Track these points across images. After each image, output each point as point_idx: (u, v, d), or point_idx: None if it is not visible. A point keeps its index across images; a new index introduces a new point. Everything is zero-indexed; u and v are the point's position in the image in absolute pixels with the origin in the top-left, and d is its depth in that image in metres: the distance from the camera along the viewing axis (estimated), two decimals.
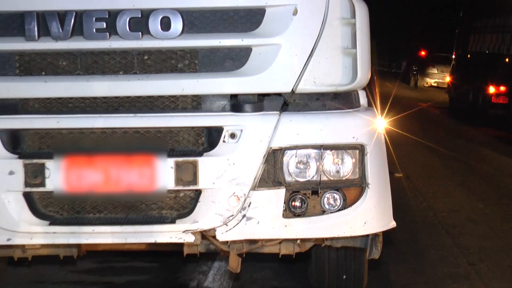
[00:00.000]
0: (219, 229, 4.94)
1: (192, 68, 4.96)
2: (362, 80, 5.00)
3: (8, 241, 5.00)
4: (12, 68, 5.00)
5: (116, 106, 5.04)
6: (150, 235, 5.00)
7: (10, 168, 4.92)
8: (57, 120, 5.00)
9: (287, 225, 4.96)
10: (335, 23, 4.93)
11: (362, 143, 4.98)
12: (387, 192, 5.17)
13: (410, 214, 8.90)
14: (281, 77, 4.93)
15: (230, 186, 4.89)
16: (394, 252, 6.90)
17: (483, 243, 8.06)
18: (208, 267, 6.76)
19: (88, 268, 6.82)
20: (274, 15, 4.88)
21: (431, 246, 7.95)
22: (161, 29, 4.83)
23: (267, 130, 4.91)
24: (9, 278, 6.56)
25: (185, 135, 5.01)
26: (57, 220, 5.01)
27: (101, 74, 4.96)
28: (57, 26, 4.84)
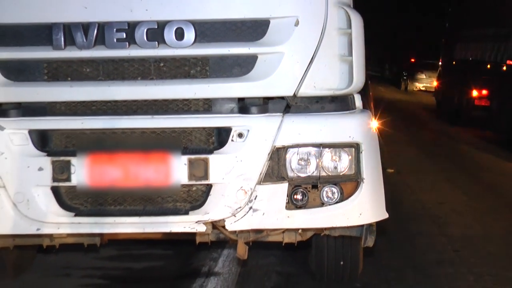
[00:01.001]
0: (228, 220, 4.94)
1: (203, 74, 4.96)
2: (357, 84, 5.00)
3: (37, 231, 5.01)
4: (41, 74, 5.01)
5: (135, 109, 5.04)
6: (166, 225, 5.01)
7: (39, 164, 4.93)
8: (81, 121, 5.01)
9: (289, 216, 4.96)
10: (333, 33, 4.92)
11: (358, 141, 4.98)
12: (380, 186, 5.17)
13: (400, 206, 8.89)
14: (284, 82, 4.93)
15: (238, 181, 4.90)
16: (386, 240, 6.89)
17: (466, 232, 8.05)
18: (218, 254, 6.76)
19: (110, 255, 6.82)
20: (278, 26, 4.88)
21: (419, 234, 7.94)
22: (176, 38, 4.84)
23: (271, 130, 4.91)
24: (38, 264, 6.57)
25: (197, 134, 5.02)
26: (82, 212, 5.02)
27: (121, 79, 4.97)
28: (82, 36, 4.85)
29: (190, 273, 6.37)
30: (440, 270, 6.63)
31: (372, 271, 6.40)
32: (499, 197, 10.28)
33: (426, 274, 6.51)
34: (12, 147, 4.95)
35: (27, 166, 4.94)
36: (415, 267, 6.70)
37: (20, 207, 4.95)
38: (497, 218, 8.85)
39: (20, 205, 4.95)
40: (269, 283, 6.21)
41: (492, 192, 10.62)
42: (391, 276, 6.44)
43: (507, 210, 9.36)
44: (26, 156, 4.95)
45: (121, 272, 6.55)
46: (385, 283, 6.26)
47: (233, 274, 6.34)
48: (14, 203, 4.95)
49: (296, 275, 6.40)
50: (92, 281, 6.26)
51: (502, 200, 10.05)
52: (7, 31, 4.95)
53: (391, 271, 6.57)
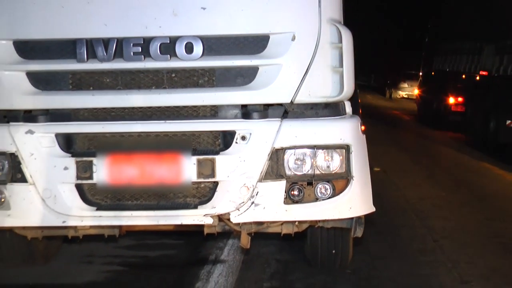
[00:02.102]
0: (233, 213, 4.95)
1: (210, 84, 4.97)
2: (347, 92, 5.00)
3: (63, 223, 5.02)
4: (66, 84, 5.01)
5: (150, 115, 5.04)
6: (177, 218, 5.01)
7: (65, 164, 4.94)
8: (102, 126, 5.02)
9: (287, 210, 4.96)
10: (326, 47, 4.92)
11: (348, 143, 4.98)
12: (368, 183, 5.17)
13: (386, 201, 8.89)
14: (282, 91, 4.93)
15: (241, 179, 4.90)
16: (373, 231, 6.89)
17: (445, 224, 8.04)
18: (223, 243, 6.75)
19: (127, 245, 6.82)
20: (277, 40, 4.89)
21: (403, 226, 7.94)
22: (186, 52, 4.84)
23: (271, 133, 4.91)
24: (64, 253, 6.57)
25: (205, 137, 5.02)
26: (103, 206, 5.03)
27: (138, 88, 4.97)
28: (102, 50, 4.86)
29: (199, 260, 6.37)
30: (422, 258, 6.63)
31: (361, 259, 6.40)
32: (473, 192, 10.28)
33: (410, 262, 6.51)
34: (40, 149, 4.96)
35: (54, 165, 4.95)
36: (399, 255, 6.71)
37: (48, 202, 4.96)
38: (472, 211, 8.85)
39: (48, 200, 4.96)
40: (269, 270, 6.20)
41: (467, 188, 10.62)
42: (378, 264, 6.44)
43: (480, 204, 9.37)
44: (53, 157, 4.96)
45: (137, 260, 6.55)
46: (373, 270, 6.26)
47: (237, 261, 6.34)
48: (42, 198, 4.96)
49: (293, 262, 6.40)
50: (112, 268, 6.26)
51: (475, 195, 10.06)
52: (37, 46, 4.96)
53: (378, 259, 6.57)
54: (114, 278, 6.05)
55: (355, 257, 6.19)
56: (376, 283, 5.92)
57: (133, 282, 6.00)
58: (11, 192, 5.00)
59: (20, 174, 4.99)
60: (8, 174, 4.99)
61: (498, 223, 8.19)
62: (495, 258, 6.64)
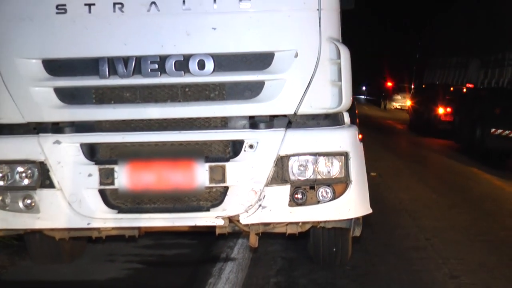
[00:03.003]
0: (242, 215, 4.95)
1: (220, 97, 4.97)
2: (346, 104, 5.00)
3: (88, 225, 5.03)
4: (90, 99, 5.03)
5: (166, 125, 5.05)
6: (191, 220, 5.02)
7: (89, 171, 4.95)
8: (122, 136, 5.03)
9: (291, 212, 4.96)
10: (326, 63, 4.93)
11: (347, 151, 4.98)
12: (365, 186, 5.16)
13: (382, 203, 8.87)
14: (286, 103, 4.94)
15: (249, 183, 4.90)
16: (370, 231, 6.87)
17: (435, 224, 8.02)
18: (234, 243, 6.75)
19: (146, 244, 6.82)
20: (281, 57, 4.89)
21: (397, 226, 7.92)
22: (198, 68, 4.86)
23: (276, 142, 4.92)
24: (88, 252, 6.57)
25: (216, 146, 5.02)
26: (123, 209, 5.03)
27: (154, 102, 4.98)
28: (122, 67, 4.88)
29: (211, 258, 6.36)
30: (415, 255, 6.60)
31: (359, 256, 6.38)
32: (461, 194, 10.25)
33: (404, 258, 6.49)
34: (67, 158, 4.97)
35: (79, 172, 4.96)
36: (394, 253, 6.68)
37: (74, 206, 4.97)
38: (460, 211, 8.82)
39: (74, 204, 4.97)
40: (275, 266, 6.19)
41: (455, 191, 10.60)
42: (375, 260, 6.42)
43: (467, 205, 9.34)
44: (78, 164, 4.97)
45: (155, 258, 6.54)
46: (370, 266, 6.24)
47: (246, 259, 6.32)
48: (69, 202, 4.97)
49: (297, 259, 6.38)
50: (132, 266, 6.26)
51: (463, 196, 10.03)
52: (63, 64, 4.98)
53: (375, 256, 6.55)
54: (134, 275, 6.04)
55: (354, 255, 6.17)
56: (373, 278, 5.90)
57: (151, 278, 5.99)
58: (40, 197, 5.01)
59: (48, 181, 5.00)
60: (38, 181, 5.01)
61: (484, 222, 8.16)
62: (482, 255, 6.61)
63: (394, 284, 5.72)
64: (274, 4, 4.89)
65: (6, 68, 4.99)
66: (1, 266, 6.26)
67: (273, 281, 5.77)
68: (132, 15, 4.86)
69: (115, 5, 4.85)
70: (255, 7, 4.86)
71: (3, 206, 5.08)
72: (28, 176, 5.03)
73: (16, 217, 5.08)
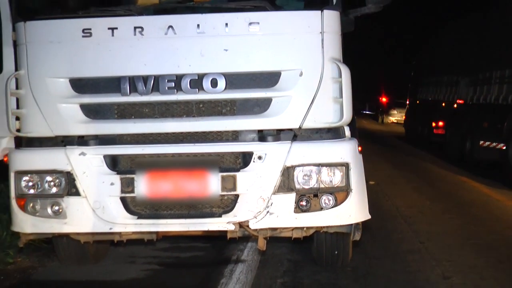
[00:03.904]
0: (251, 221, 4.93)
1: (232, 112, 4.96)
2: (346, 119, 4.98)
3: (110, 230, 5.03)
4: (112, 114, 5.03)
5: (181, 138, 5.04)
6: (205, 225, 5.00)
7: (111, 180, 4.95)
8: (142, 148, 5.03)
9: (297, 218, 4.95)
10: (328, 81, 4.91)
11: (347, 161, 4.96)
12: (364, 194, 5.14)
13: (380, 209, 8.82)
14: (292, 118, 4.92)
15: (258, 192, 4.89)
16: (369, 235, 6.83)
17: (429, 228, 7.97)
18: (243, 246, 6.72)
19: (163, 247, 6.80)
20: (287, 76, 4.89)
21: (394, 230, 7.87)
22: (211, 86, 4.86)
23: (283, 153, 4.90)
24: (111, 254, 6.56)
25: (228, 157, 5.01)
26: (143, 215, 5.03)
27: (171, 117, 4.98)
28: (142, 85, 4.88)
29: (223, 260, 6.33)
30: (410, 257, 6.56)
31: (359, 258, 6.35)
32: (452, 201, 10.18)
33: (400, 260, 6.45)
34: (91, 168, 4.98)
35: (102, 181, 4.96)
36: (391, 255, 6.64)
37: (97, 212, 4.97)
38: (452, 217, 8.76)
39: (98, 211, 4.97)
40: (282, 268, 6.16)
41: (447, 197, 10.53)
42: (374, 262, 6.37)
43: (458, 210, 9.27)
44: (102, 174, 4.97)
45: (172, 260, 6.52)
46: (370, 267, 6.19)
47: (255, 261, 6.29)
48: (93, 209, 4.97)
49: (302, 261, 6.35)
50: (151, 267, 6.24)
51: (454, 203, 9.96)
52: (88, 82, 4.99)
53: (373, 258, 6.51)
54: (152, 275, 6.02)
55: (354, 257, 6.13)
56: (372, 278, 5.86)
57: (168, 278, 5.97)
58: (67, 204, 5.02)
59: (74, 189, 5.01)
60: (65, 189, 5.03)
61: (473, 227, 8.10)
62: (471, 257, 6.57)
63: (391, 284, 5.68)
64: (281, 28, 4.89)
65: (37, 86, 5.01)
66: (32, 266, 6.26)
67: (280, 281, 5.74)
68: (151, 38, 4.87)
69: (136, 29, 4.86)
70: (263, 31, 4.86)
71: (34, 212, 5.09)
72: (56, 184, 5.04)
73: (45, 222, 5.09)
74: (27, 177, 5.08)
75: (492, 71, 13.54)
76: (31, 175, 5.07)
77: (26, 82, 5.03)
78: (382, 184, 11.56)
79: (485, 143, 13.20)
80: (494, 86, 13.29)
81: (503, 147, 12.21)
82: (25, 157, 5.13)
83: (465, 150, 14.77)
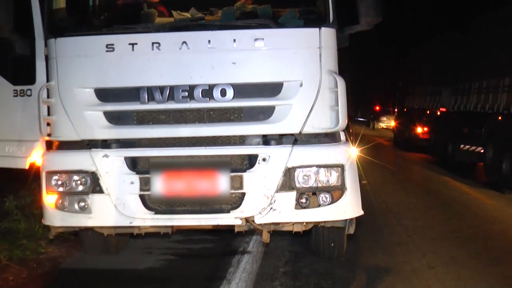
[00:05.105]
0: (256, 216, 4.92)
1: (239, 119, 4.95)
2: (342, 125, 4.96)
3: (130, 224, 5.03)
4: (132, 120, 5.03)
5: (194, 142, 5.03)
6: (215, 220, 4.99)
7: (131, 180, 4.95)
8: (158, 151, 5.02)
9: (297, 213, 4.93)
10: (325, 91, 4.90)
11: (343, 163, 4.94)
12: (358, 193, 5.12)
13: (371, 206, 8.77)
14: (293, 124, 4.91)
15: (262, 190, 4.87)
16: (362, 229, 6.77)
17: (415, 223, 7.93)
18: (249, 239, 6.71)
19: (177, 240, 6.79)
20: (289, 86, 4.88)
21: (384, 225, 7.84)
22: (221, 95, 4.85)
23: (285, 156, 4.88)
24: (130, 245, 6.56)
25: (235, 159, 5.00)
26: (159, 211, 5.01)
27: (185, 123, 4.97)
28: (159, 95, 4.88)
29: (231, 251, 6.32)
30: (399, 249, 6.53)
31: (353, 250, 6.32)
32: (436, 198, 10.14)
33: (389, 252, 6.41)
34: (113, 168, 4.97)
35: (123, 181, 4.95)
36: (382, 247, 6.61)
37: (119, 208, 4.96)
38: (436, 213, 8.73)
39: (119, 207, 4.96)
40: (284, 258, 6.13)
41: (431, 196, 10.49)
42: (366, 253, 6.34)
43: (442, 207, 9.23)
44: (123, 174, 4.96)
45: (185, 251, 6.51)
46: (362, 258, 6.17)
47: (259, 252, 6.28)
48: (115, 205, 4.96)
49: (301, 252, 6.33)
50: (166, 257, 6.22)
51: (438, 200, 9.91)
52: (111, 92, 4.99)
53: (366, 250, 6.48)
54: (167, 264, 6.01)
55: (348, 249, 6.10)
56: (365, 268, 5.83)
57: (181, 267, 5.96)
58: (92, 201, 5.01)
59: (98, 187, 5.00)
60: (90, 187, 5.02)
61: (455, 222, 8.06)
62: (454, 249, 6.53)
63: (381, 273, 5.65)
64: (283, 43, 4.88)
65: (66, 95, 5.01)
66: (61, 256, 6.26)
67: (282, 270, 5.72)
68: (167, 52, 4.86)
69: (154, 44, 4.86)
70: (267, 46, 4.85)
71: (62, 208, 5.08)
72: (82, 183, 5.03)
73: (73, 217, 5.08)
74: (57, 176, 5.07)
75: (471, 82, 13.51)
76: (60, 174, 5.06)
77: (56, 92, 5.03)
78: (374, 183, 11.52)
79: (465, 147, 13.17)
80: (473, 95, 13.26)
81: (481, 150, 12.17)
82: (55, 158, 5.12)
83: (448, 153, 14.72)
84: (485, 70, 12.68)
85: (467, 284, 5.32)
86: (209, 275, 5.58)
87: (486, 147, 11.93)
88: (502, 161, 10.90)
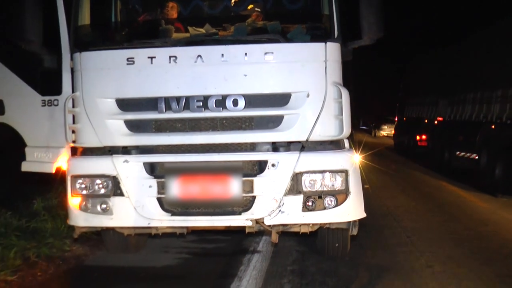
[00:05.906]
0: (266, 218, 4.89)
1: (250, 127, 4.94)
2: (346, 133, 4.94)
3: (148, 224, 5.02)
4: (150, 128, 5.03)
5: (208, 149, 5.02)
6: (227, 221, 4.97)
7: (149, 183, 4.94)
8: (175, 157, 5.02)
9: (304, 216, 4.90)
10: (330, 101, 4.88)
11: (347, 169, 4.91)
12: (361, 196, 5.08)
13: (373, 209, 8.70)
14: (300, 132, 4.88)
15: (272, 194, 4.85)
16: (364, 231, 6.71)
17: (415, 225, 7.86)
18: (259, 239, 6.67)
19: (192, 239, 6.76)
20: (296, 97, 4.86)
21: (385, 227, 7.77)
22: (233, 105, 4.84)
23: (292, 162, 4.86)
24: (148, 245, 6.53)
25: (246, 164, 4.98)
26: (175, 213, 5.00)
27: (199, 131, 4.96)
28: (175, 105, 4.88)
29: (242, 250, 6.28)
30: (398, 249, 6.47)
31: (356, 250, 6.26)
32: (434, 202, 10.05)
33: (390, 252, 6.36)
34: (133, 173, 4.96)
35: (142, 184, 4.95)
36: (382, 247, 6.55)
37: (138, 210, 4.95)
38: (433, 215, 8.65)
39: (138, 209, 4.95)
40: (291, 257, 6.09)
41: (429, 199, 10.40)
42: (368, 253, 6.29)
43: (439, 210, 9.15)
44: (141, 178, 4.96)
45: (199, 250, 6.48)
46: (364, 257, 6.12)
47: (269, 251, 6.24)
48: (134, 207, 4.96)
49: (308, 252, 6.28)
50: (181, 256, 6.20)
51: (435, 203, 9.83)
52: (131, 102, 5.00)
53: (368, 250, 6.42)
54: (183, 262, 5.98)
55: (352, 249, 6.05)
56: (367, 267, 5.78)
57: (196, 265, 5.93)
58: (113, 203, 5.01)
59: (119, 190, 5.00)
60: (111, 190, 5.01)
61: (451, 223, 7.99)
62: (450, 249, 6.47)
63: (382, 271, 5.59)
64: (291, 57, 4.87)
65: (89, 105, 5.02)
66: (84, 254, 6.25)
67: (290, 268, 5.68)
68: (183, 65, 4.86)
69: (171, 58, 4.86)
70: (277, 59, 4.85)
71: (86, 209, 5.08)
72: (104, 187, 5.02)
73: (95, 218, 5.07)
74: (81, 180, 5.07)
75: (466, 94, 13.45)
76: (84, 178, 5.06)
77: (81, 102, 5.04)
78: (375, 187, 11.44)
79: (461, 153, 13.10)
80: (468, 106, 13.20)
81: (476, 157, 12.10)
82: (79, 163, 5.13)
83: (444, 159, 14.64)
84: (479, 82, 12.64)
85: (463, 282, 5.26)
86: (222, 273, 5.55)
87: (480, 154, 11.86)
88: (495, 167, 10.86)
